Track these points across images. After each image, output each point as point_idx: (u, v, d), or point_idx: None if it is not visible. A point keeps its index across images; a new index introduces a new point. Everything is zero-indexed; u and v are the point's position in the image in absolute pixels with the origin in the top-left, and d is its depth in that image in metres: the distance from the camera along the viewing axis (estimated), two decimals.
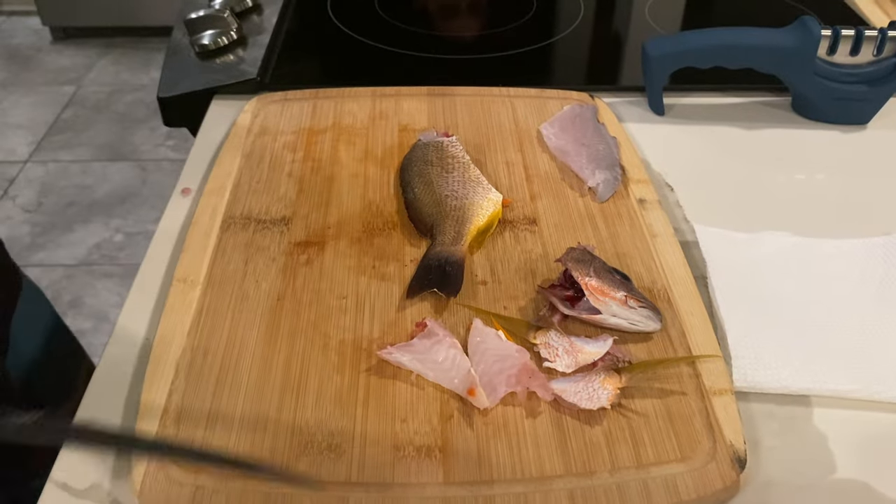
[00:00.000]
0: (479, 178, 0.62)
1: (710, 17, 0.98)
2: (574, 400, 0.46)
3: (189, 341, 0.50)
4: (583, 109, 0.72)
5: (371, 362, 0.49)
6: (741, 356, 0.50)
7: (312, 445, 0.44)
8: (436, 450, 0.44)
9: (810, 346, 0.51)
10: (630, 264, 0.57)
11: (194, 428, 0.45)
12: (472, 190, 0.61)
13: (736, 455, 0.44)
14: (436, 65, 0.84)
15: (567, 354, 0.49)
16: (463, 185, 0.61)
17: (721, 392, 0.48)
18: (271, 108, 0.73)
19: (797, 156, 0.71)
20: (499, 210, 0.60)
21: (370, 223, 0.60)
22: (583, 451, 0.44)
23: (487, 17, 0.97)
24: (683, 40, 0.73)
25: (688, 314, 0.53)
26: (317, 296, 0.54)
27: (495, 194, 0.61)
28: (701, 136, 0.74)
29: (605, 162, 0.66)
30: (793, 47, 0.70)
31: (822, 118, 0.75)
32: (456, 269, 0.55)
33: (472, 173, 0.63)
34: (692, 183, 0.67)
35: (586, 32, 0.92)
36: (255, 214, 0.60)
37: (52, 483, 0.44)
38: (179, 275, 0.55)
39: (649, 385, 0.48)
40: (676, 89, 0.79)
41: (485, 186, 0.62)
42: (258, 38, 0.85)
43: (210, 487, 0.42)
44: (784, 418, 0.48)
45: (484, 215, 0.59)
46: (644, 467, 0.44)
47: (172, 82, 0.79)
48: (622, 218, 0.61)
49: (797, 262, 0.57)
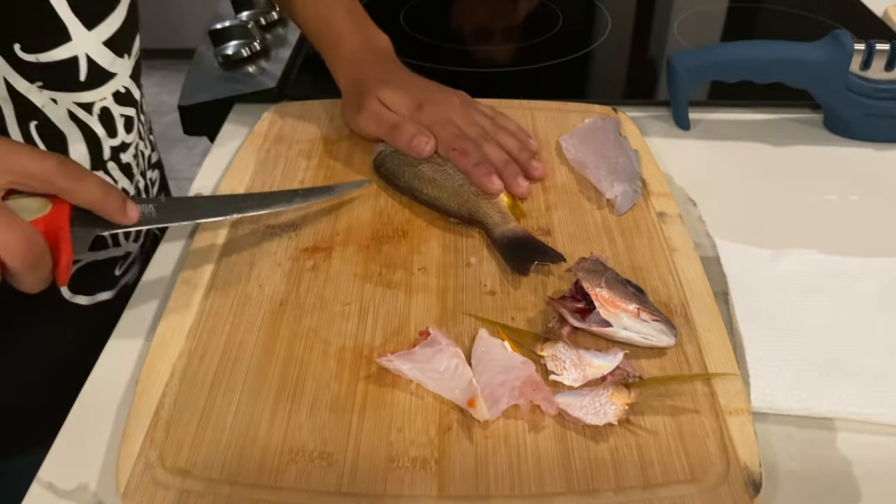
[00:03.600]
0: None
1: (739, 34, 0.96)
2: (579, 415, 0.44)
3: (187, 343, 0.49)
4: (604, 123, 0.70)
5: (371, 370, 0.48)
6: (760, 375, 0.47)
7: (304, 453, 0.43)
8: (431, 462, 0.42)
9: (834, 366, 0.48)
10: (646, 278, 0.55)
11: (184, 430, 0.44)
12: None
13: (750, 478, 0.41)
14: (459, 78, 0.83)
15: (575, 368, 0.47)
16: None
17: (737, 412, 0.45)
18: (289, 117, 0.73)
19: (828, 174, 0.69)
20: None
21: (379, 231, 0.59)
22: (586, 469, 0.42)
23: (518, 37, 0.96)
24: (710, 53, 0.72)
25: (705, 330, 0.50)
26: (320, 301, 0.52)
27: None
28: (728, 152, 0.72)
29: (624, 174, 0.64)
30: (824, 61, 0.68)
31: (855, 135, 0.72)
32: (533, 241, 0.56)
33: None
34: (717, 199, 0.65)
35: (613, 47, 0.91)
36: (264, 219, 0.60)
37: (37, 483, 0.43)
38: (184, 277, 0.54)
39: (661, 402, 0.46)
40: (703, 104, 0.77)
41: None
42: (281, 49, 0.85)
43: (196, 491, 0.40)
44: (804, 441, 0.45)
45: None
46: (651, 488, 0.41)
47: (194, 91, 0.79)
48: (640, 231, 0.59)
49: (822, 280, 0.54)
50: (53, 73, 0.51)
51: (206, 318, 0.51)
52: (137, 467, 0.42)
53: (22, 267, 0.41)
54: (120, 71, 0.56)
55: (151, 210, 0.49)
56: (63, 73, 0.52)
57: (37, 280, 0.42)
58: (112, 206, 0.45)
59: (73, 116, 0.53)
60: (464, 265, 0.56)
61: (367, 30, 0.71)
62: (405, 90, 0.66)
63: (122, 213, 0.46)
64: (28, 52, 0.49)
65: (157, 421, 0.44)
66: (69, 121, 0.53)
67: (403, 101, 0.65)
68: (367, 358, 0.48)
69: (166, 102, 2.59)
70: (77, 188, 0.43)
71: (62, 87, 0.52)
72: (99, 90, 0.54)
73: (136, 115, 0.58)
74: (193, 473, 0.41)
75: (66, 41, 0.51)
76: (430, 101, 0.65)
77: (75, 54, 0.52)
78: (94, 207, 0.45)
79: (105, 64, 0.54)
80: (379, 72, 0.68)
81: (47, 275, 0.43)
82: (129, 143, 0.57)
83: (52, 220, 0.43)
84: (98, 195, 0.44)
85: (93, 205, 0.45)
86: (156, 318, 0.53)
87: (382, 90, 0.65)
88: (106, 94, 0.55)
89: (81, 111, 0.53)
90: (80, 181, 0.44)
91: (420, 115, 0.64)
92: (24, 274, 0.41)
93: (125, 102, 0.57)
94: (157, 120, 2.48)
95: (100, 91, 0.54)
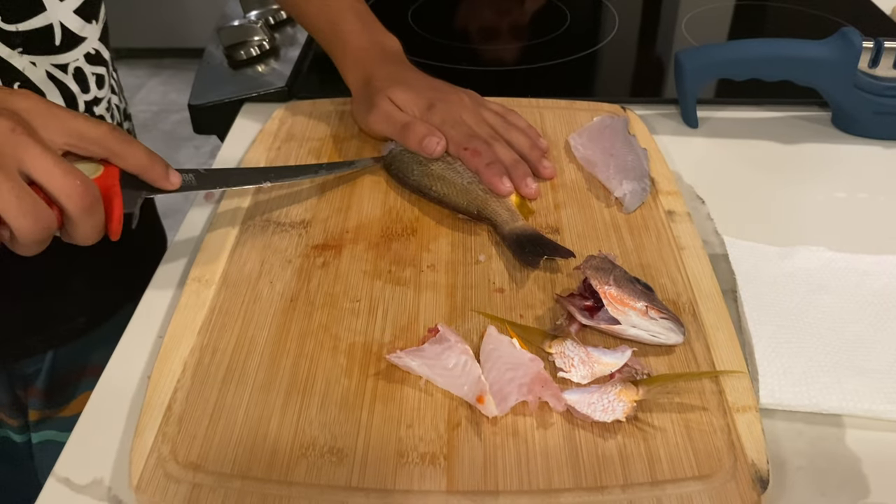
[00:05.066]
0: None
1: (747, 32, 0.96)
2: (587, 411, 0.44)
3: (199, 339, 0.50)
4: (613, 121, 0.70)
5: (380, 366, 0.48)
6: (769, 372, 0.48)
7: (314, 448, 0.43)
8: (440, 457, 0.43)
9: (843, 363, 0.48)
10: (655, 276, 0.55)
11: (196, 424, 0.44)
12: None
13: (758, 475, 0.41)
14: (467, 76, 0.83)
15: (583, 365, 0.47)
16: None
17: (745, 409, 0.45)
18: (299, 116, 0.73)
19: (836, 172, 0.69)
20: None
21: (389, 228, 0.59)
22: (594, 465, 0.42)
23: (525, 35, 0.96)
24: (718, 51, 0.72)
25: (713, 328, 0.51)
26: (330, 298, 0.53)
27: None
28: (736, 149, 0.72)
29: (633, 173, 0.64)
30: (832, 59, 0.68)
31: (864, 133, 0.72)
32: (542, 238, 0.57)
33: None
34: (725, 197, 0.65)
35: (621, 45, 0.91)
36: (274, 217, 0.60)
37: (53, 478, 0.44)
38: (195, 274, 0.55)
39: (669, 399, 0.46)
40: (711, 102, 0.77)
41: None
42: (290, 49, 0.86)
43: (208, 485, 0.41)
44: (813, 438, 0.45)
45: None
46: (659, 484, 0.41)
47: (204, 91, 0.79)
48: (649, 229, 0.59)
49: (832, 277, 0.54)
50: (32, 39, 0.57)
51: (218, 314, 0.51)
52: (150, 461, 0.42)
53: (80, 211, 0.44)
54: (90, 35, 0.61)
55: (192, 178, 0.54)
56: (40, 39, 0.57)
57: (90, 228, 0.46)
58: (157, 171, 0.50)
59: (51, 76, 0.58)
60: (472, 262, 0.56)
61: (375, 30, 0.72)
62: (416, 90, 0.66)
63: (166, 178, 0.50)
64: (9, 23, 0.55)
65: (170, 416, 0.45)
66: (48, 80, 0.58)
67: (414, 101, 0.65)
68: (377, 354, 0.49)
69: (174, 101, 2.61)
70: (127, 153, 0.48)
71: (40, 52, 0.57)
72: (72, 52, 0.59)
73: (106, 73, 0.64)
74: (205, 468, 0.42)
75: (42, 11, 0.57)
76: (441, 101, 0.65)
77: (50, 22, 0.57)
78: (140, 172, 0.49)
79: (76, 29, 0.60)
80: (389, 71, 0.68)
81: (101, 225, 0.47)
82: (101, 98, 0.63)
83: (104, 179, 0.47)
84: (145, 161, 0.49)
85: (140, 169, 0.49)
86: (168, 314, 0.54)
87: (393, 90, 0.66)
88: (78, 56, 0.60)
89: (58, 71, 0.59)
90: (129, 146, 0.48)
91: (431, 115, 0.64)
92: (80, 219, 0.45)
93: (96, 62, 0.62)
94: (164, 118, 2.51)
95: (73, 53, 0.59)
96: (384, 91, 0.66)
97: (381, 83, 0.67)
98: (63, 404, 0.70)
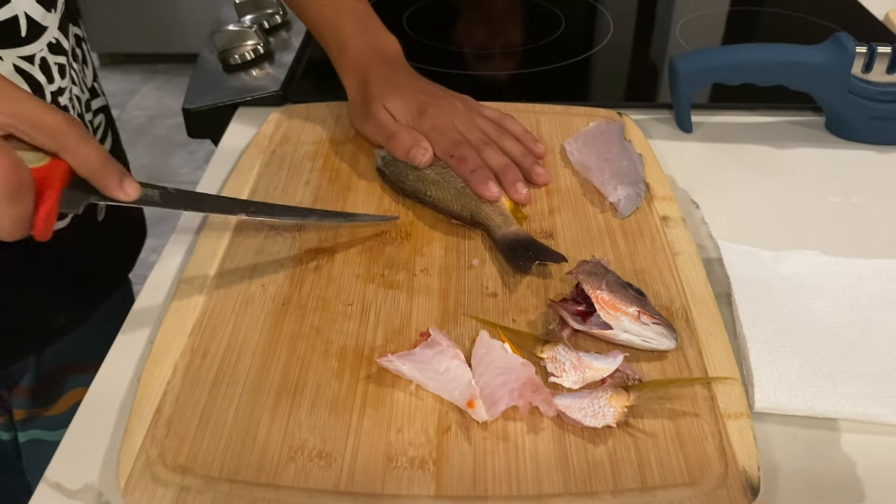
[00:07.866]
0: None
1: (741, 37, 0.96)
2: (578, 416, 0.44)
3: (190, 342, 0.49)
4: (609, 126, 0.70)
5: (371, 370, 0.48)
6: (764, 376, 0.47)
7: (303, 451, 0.43)
8: (429, 462, 0.42)
9: (838, 367, 0.48)
10: (648, 282, 0.55)
11: (185, 427, 0.44)
12: None
13: (748, 482, 0.41)
14: (462, 81, 0.83)
15: (574, 370, 0.47)
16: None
17: (737, 415, 0.45)
18: (294, 119, 0.73)
19: (830, 176, 0.69)
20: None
21: (383, 232, 0.59)
22: (584, 471, 0.42)
23: (521, 40, 0.96)
24: (712, 56, 0.72)
25: (706, 334, 0.50)
26: (322, 301, 0.53)
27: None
28: (730, 154, 0.72)
29: (627, 178, 0.64)
30: (826, 64, 0.68)
31: (858, 138, 0.72)
32: (535, 242, 0.56)
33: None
34: (719, 202, 0.65)
35: (615, 50, 0.91)
36: (268, 220, 0.60)
37: (44, 483, 0.44)
38: (187, 276, 0.55)
39: (660, 405, 0.46)
40: (706, 107, 0.77)
41: None
42: (285, 53, 0.86)
43: (195, 488, 0.41)
44: (808, 442, 0.45)
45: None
46: (649, 490, 0.41)
47: (198, 95, 0.79)
48: (643, 235, 0.59)
49: (827, 281, 0.54)
50: (0, 33, 0.56)
51: (209, 316, 0.51)
52: (138, 464, 0.42)
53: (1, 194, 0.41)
54: (50, 24, 0.60)
55: (156, 195, 0.50)
56: (7, 31, 0.57)
57: (10, 219, 0.43)
58: (109, 178, 0.46)
59: (18, 69, 0.58)
60: (466, 267, 0.56)
61: (376, 32, 0.72)
62: (409, 95, 0.66)
63: (118, 187, 0.47)
64: None
65: (159, 418, 0.44)
66: (15, 73, 0.58)
67: (406, 107, 0.65)
68: (368, 358, 0.49)
69: (169, 106, 2.60)
70: (78, 150, 0.45)
71: (8, 45, 0.57)
72: (37, 43, 0.59)
73: (66, 62, 0.63)
74: (193, 471, 0.42)
75: (7, 3, 0.56)
76: (433, 106, 0.65)
77: (16, 13, 0.57)
78: (90, 175, 0.46)
79: (38, 18, 0.59)
80: (385, 75, 0.68)
81: (24, 218, 0.43)
82: (64, 88, 0.62)
83: (45, 171, 0.44)
84: (96, 164, 0.45)
85: (89, 172, 0.45)
86: (159, 317, 0.53)
87: (387, 98, 0.66)
88: (42, 46, 0.59)
89: (25, 63, 0.58)
90: (83, 144, 0.45)
91: (421, 121, 0.64)
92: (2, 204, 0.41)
93: (57, 52, 0.61)
94: (159, 123, 2.50)
95: (37, 44, 0.59)
96: (379, 99, 0.66)
97: (376, 89, 0.67)
98: (49, 403, 0.70)
